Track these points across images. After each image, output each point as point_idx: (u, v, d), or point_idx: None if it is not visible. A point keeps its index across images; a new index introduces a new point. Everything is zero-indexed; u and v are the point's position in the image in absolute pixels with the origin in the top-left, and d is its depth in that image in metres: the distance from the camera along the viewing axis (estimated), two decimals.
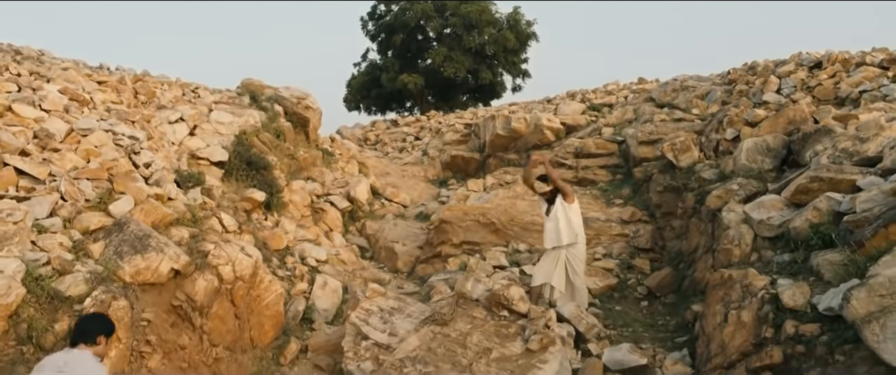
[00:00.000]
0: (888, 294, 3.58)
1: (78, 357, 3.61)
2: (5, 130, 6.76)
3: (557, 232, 6.91)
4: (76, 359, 3.58)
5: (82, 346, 3.75)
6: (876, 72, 9.19)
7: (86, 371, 3.52)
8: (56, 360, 3.63)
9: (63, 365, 3.55)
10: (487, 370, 5.78)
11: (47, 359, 3.69)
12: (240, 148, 10.65)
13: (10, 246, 5.32)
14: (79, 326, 3.89)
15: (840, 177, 5.79)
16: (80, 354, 3.65)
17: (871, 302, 3.65)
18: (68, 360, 3.58)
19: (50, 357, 3.70)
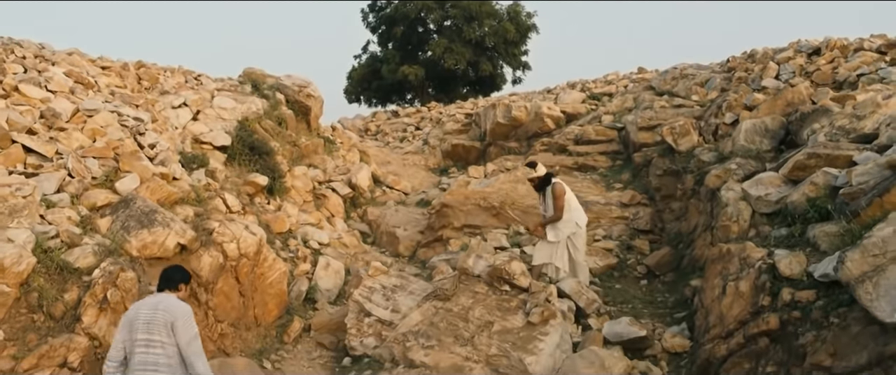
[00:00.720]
0: (881, 253, 3.67)
1: (167, 298, 4.27)
2: (13, 109, 6.85)
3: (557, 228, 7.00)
4: (165, 299, 4.25)
5: (167, 292, 4.38)
6: (874, 57, 9.26)
7: (177, 305, 4.22)
8: (148, 302, 4.29)
9: (157, 303, 4.21)
10: (489, 342, 5.88)
11: (140, 302, 4.34)
12: (242, 133, 10.71)
13: (20, 218, 5.41)
14: (165, 275, 4.48)
15: (837, 154, 5.87)
16: (167, 296, 4.30)
17: (864, 262, 3.74)
18: (159, 300, 4.24)
19: (142, 301, 4.35)
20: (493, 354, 5.76)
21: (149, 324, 4.08)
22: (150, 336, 4.06)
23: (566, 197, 6.99)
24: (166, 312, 4.12)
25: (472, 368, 5.70)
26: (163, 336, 4.06)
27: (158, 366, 4.01)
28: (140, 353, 4.03)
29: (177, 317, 4.11)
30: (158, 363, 4.02)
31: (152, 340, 4.05)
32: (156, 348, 4.04)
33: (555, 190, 7.07)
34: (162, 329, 4.07)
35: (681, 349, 5.72)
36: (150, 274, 6.03)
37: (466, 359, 5.80)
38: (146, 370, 4.01)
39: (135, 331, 4.09)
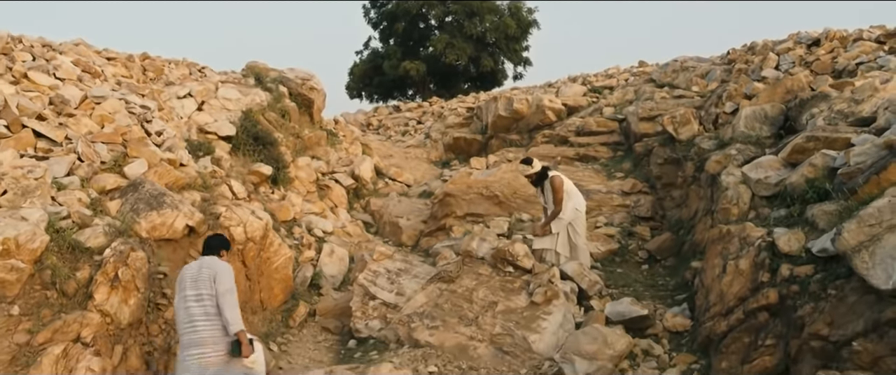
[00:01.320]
0: (877, 223, 3.77)
1: (210, 258, 4.96)
2: (23, 95, 6.94)
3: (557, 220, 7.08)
4: (209, 259, 4.94)
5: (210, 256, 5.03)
6: (873, 47, 9.36)
7: (218, 262, 4.91)
8: (194, 264, 4.98)
9: (202, 263, 4.89)
10: (493, 322, 5.98)
11: (187, 266, 5.01)
12: (247, 123, 10.81)
13: (33, 199, 5.51)
14: (207, 243, 5.18)
15: (835, 136, 5.96)
16: (211, 259, 4.95)
17: (860, 232, 3.83)
18: (203, 261, 4.93)
19: (188, 266, 5.02)
20: (497, 333, 5.86)
21: (196, 281, 4.73)
22: (198, 291, 4.69)
23: (564, 188, 7.08)
24: (209, 268, 4.79)
25: (477, 347, 5.80)
26: (208, 289, 4.68)
27: (208, 316, 4.62)
28: (192, 306, 4.64)
29: (218, 271, 4.77)
30: (208, 313, 4.63)
31: (201, 294, 4.67)
32: (205, 300, 4.65)
33: (553, 183, 7.14)
34: (207, 282, 4.70)
35: (682, 328, 5.82)
36: (160, 255, 6.14)
37: (471, 338, 5.90)
38: (195, 320, 4.59)
39: (184, 288, 4.75)
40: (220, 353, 4.56)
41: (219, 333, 4.59)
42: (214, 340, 4.57)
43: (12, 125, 6.43)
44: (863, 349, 3.58)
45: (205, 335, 4.56)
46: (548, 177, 7.10)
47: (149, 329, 5.66)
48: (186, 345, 4.60)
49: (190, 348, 4.57)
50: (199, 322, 4.58)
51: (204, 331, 4.57)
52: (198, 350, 4.54)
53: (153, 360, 5.55)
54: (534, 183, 7.30)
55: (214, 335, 4.57)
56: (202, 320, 4.58)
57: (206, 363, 4.51)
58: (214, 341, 4.57)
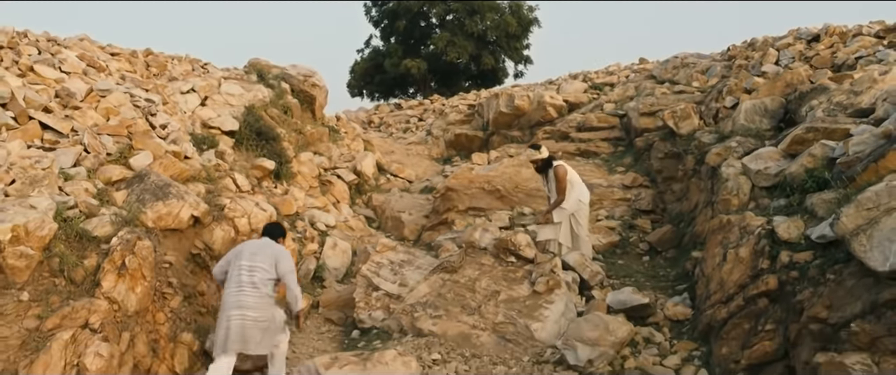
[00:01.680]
0: (874, 206, 3.83)
1: (270, 242, 5.53)
2: (29, 88, 7.01)
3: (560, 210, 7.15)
4: (272, 242, 5.53)
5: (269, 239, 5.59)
6: (872, 41, 9.40)
7: (282, 247, 5.49)
8: (256, 241, 5.56)
9: (264, 243, 5.49)
10: (496, 311, 6.04)
11: (248, 242, 5.60)
12: (249, 118, 10.86)
13: (41, 188, 5.57)
14: (267, 229, 5.79)
15: (834, 127, 6.02)
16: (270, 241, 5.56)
17: (858, 216, 3.89)
18: (266, 242, 5.52)
19: (249, 241, 5.60)
20: (499, 321, 5.92)
21: (255, 255, 5.29)
22: (253, 263, 5.24)
23: (568, 177, 7.14)
24: (271, 248, 5.40)
25: (480, 335, 5.86)
26: (265, 265, 5.24)
27: (255, 286, 5.16)
28: (244, 274, 5.20)
29: (280, 253, 5.38)
30: (255, 281, 5.18)
31: (255, 266, 5.22)
32: (257, 272, 5.21)
33: (557, 172, 7.22)
34: (268, 259, 5.27)
35: (682, 316, 5.87)
36: (165, 244, 6.20)
37: (474, 327, 5.96)
38: (243, 286, 5.16)
39: (241, 257, 5.30)
40: (257, 320, 5.11)
41: (261, 303, 5.17)
42: (255, 308, 5.13)
43: (19, 117, 6.50)
44: (860, 330, 3.64)
45: (249, 301, 5.13)
46: (552, 166, 7.16)
47: (155, 318, 5.72)
48: (230, 306, 5.13)
49: (233, 309, 5.12)
50: (247, 290, 5.15)
51: (249, 298, 5.13)
52: (239, 311, 5.10)
53: (159, 348, 5.61)
54: (539, 169, 7.38)
55: (257, 303, 5.15)
56: (249, 288, 5.16)
57: (244, 324, 5.08)
58: (255, 309, 5.13)
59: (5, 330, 4.53)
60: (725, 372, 4.80)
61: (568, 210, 7.05)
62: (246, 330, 5.06)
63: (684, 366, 5.06)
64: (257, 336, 5.09)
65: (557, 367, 5.11)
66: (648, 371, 4.96)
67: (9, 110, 6.49)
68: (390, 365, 4.85)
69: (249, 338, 5.07)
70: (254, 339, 5.08)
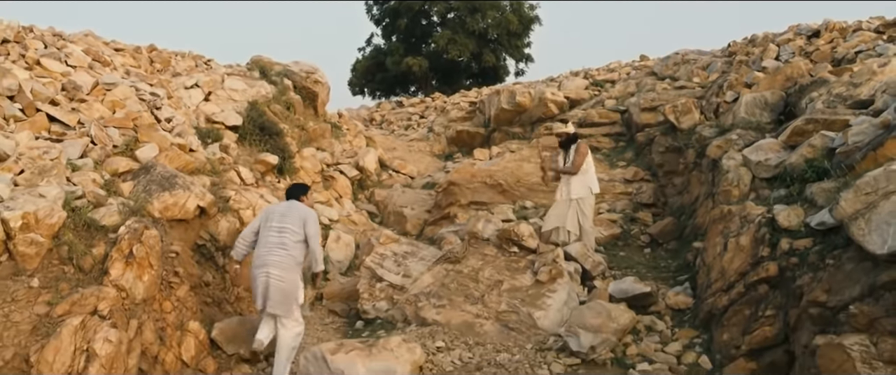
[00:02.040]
0: (873, 191, 3.89)
1: (295, 203, 5.75)
2: (36, 81, 7.07)
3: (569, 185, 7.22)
4: (297, 203, 5.74)
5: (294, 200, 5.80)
6: (872, 36, 9.46)
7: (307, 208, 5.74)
8: (283, 204, 5.79)
9: (291, 205, 5.71)
10: (499, 300, 6.10)
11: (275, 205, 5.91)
12: (253, 114, 10.92)
13: (49, 177, 5.63)
14: (289, 192, 5.97)
15: (834, 118, 6.08)
16: (295, 202, 5.76)
17: (857, 200, 3.95)
18: (292, 203, 5.74)
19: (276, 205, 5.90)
20: (502, 310, 5.99)
21: (284, 216, 5.55)
22: (282, 225, 5.50)
23: (588, 159, 7.25)
24: (299, 211, 5.61)
25: (483, 324, 5.93)
26: (294, 226, 5.50)
27: (284, 245, 5.45)
28: (273, 235, 5.48)
29: (308, 215, 5.62)
30: (285, 242, 5.45)
31: (285, 227, 5.49)
32: (286, 233, 5.48)
33: (580, 147, 7.35)
34: (296, 221, 5.52)
35: (684, 305, 5.94)
36: (171, 234, 6.26)
37: (477, 316, 6.03)
38: (271, 247, 5.44)
39: (271, 220, 5.57)
40: (282, 278, 5.40)
41: (288, 262, 5.44)
42: (282, 267, 5.41)
43: (27, 109, 6.57)
44: (859, 312, 3.70)
45: (277, 260, 5.41)
46: (577, 141, 7.31)
47: (162, 306, 5.77)
48: (260, 265, 5.45)
49: (262, 267, 5.43)
50: (276, 250, 5.44)
51: (277, 257, 5.42)
52: (265, 270, 5.40)
53: (166, 336, 5.67)
54: (562, 144, 7.45)
55: (285, 262, 5.42)
56: (278, 249, 5.44)
57: (271, 281, 5.38)
58: (282, 266, 5.41)
59: (17, 316, 4.60)
60: (726, 358, 4.87)
61: (575, 191, 7.12)
62: (270, 289, 5.37)
63: (685, 353, 5.13)
64: (277, 296, 5.38)
65: (560, 354, 5.18)
66: (650, 358, 5.03)
67: (16, 102, 6.56)
68: (395, 351, 4.91)
69: (270, 297, 5.38)
70: (274, 299, 5.39)
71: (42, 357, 4.48)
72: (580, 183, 7.15)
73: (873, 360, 3.46)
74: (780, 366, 4.48)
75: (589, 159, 7.33)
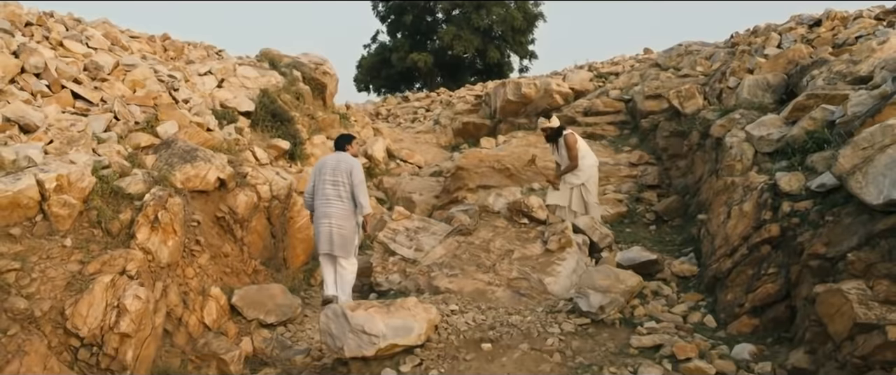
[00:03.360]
0: (869, 146, 4.09)
1: (344, 154, 6.32)
2: (60, 60, 7.31)
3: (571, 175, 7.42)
4: (344, 155, 6.31)
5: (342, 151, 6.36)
6: (872, 23, 9.65)
7: (352, 158, 6.31)
8: (332, 156, 6.34)
9: (339, 157, 6.28)
10: (510, 268, 6.31)
11: (326, 157, 6.43)
12: (265, 100, 11.14)
13: (77, 147, 5.86)
14: (338, 141, 6.53)
15: (834, 93, 6.28)
16: (344, 153, 6.33)
17: (855, 155, 4.15)
18: (340, 155, 6.31)
19: (327, 157, 6.44)
20: (513, 277, 6.19)
21: (335, 169, 6.13)
22: (335, 177, 6.10)
23: (579, 144, 7.42)
24: (346, 162, 6.18)
25: (495, 291, 6.13)
26: (343, 178, 6.09)
27: (340, 197, 6.08)
28: (328, 187, 6.09)
29: (354, 165, 6.19)
30: (340, 194, 6.08)
31: (337, 180, 6.09)
32: (339, 186, 6.08)
33: (567, 140, 7.49)
34: (344, 173, 6.10)
35: (689, 273, 6.13)
36: (193, 205, 6.48)
37: (489, 284, 6.22)
38: (329, 199, 6.07)
39: (324, 173, 6.15)
40: (341, 226, 6.07)
41: (345, 212, 6.09)
42: (341, 216, 6.07)
43: (53, 85, 6.81)
44: (856, 259, 3.90)
45: (335, 210, 6.06)
46: (562, 134, 7.43)
47: (184, 272, 6.00)
48: (320, 216, 6.11)
49: (322, 218, 6.09)
50: (333, 201, 6.08)
51: (334, 208, 6.06)
52: (328, 220, 6.06)
53: (189, 300, 5.89)
54: (549, 138, 7.63)
55: (342, 212, 6.08)
56: (335, 200, 6.07)
57: (331, 231, 6.05)
58: (340, 216, 6.07)
59: (52, 272, 4.82)
60: (730, 316, 5.06)
61: (582, 177, 7.30)
62: (333, 236, 6.06)
63: (691, 313, 5.32)
64: (339, 241, 6.07)
65: (570, 315, 5.37)
66: (657, 317, 5.22)
67: (43, 79, 6.80)
68: (412, 310, 5.10)
69: (334, 242, 6.07)
70: (337, 243, 6.07)
71: (76, 311, 4.71)
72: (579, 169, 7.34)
73: (869, 301, 3.65)
74: (781, 320, 4.67)
75: (580, 143, 7.51)
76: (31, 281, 4.64)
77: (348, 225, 6.14)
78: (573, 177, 7.30)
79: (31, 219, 5.01)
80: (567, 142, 7.37)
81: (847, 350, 3.66)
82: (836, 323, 3.77)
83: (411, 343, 4.91)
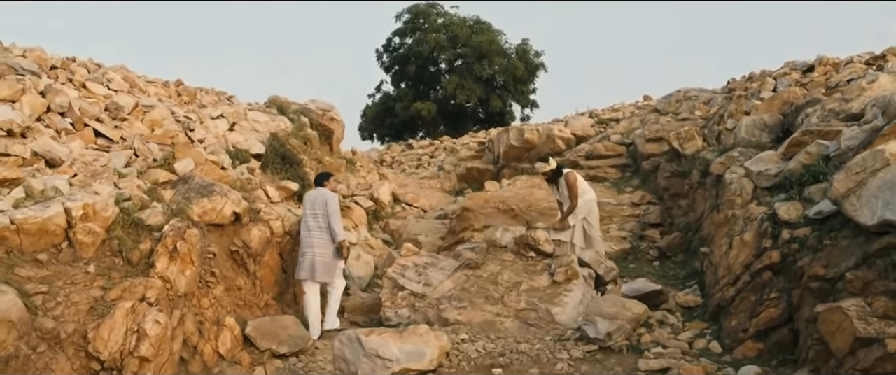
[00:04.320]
0: (862, 170, 4.30)
1: (321, 189, 7.11)
2: (84, 100, 7.61)
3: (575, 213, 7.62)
4: (321, 190, 7.09)
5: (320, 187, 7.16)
6: (862, 68, 10.01)
7: (328, 192, 7.09)
8: (313, 192, 7.20)
9: (317, 191, 7.10)
10: (518, 299, 6.44)
11: (309, 193, 7.32)
12: (274, 143, 11.42)
13: (100, 180, 6.08)
14: (316, 179, 7.39)
15: (828, 130, 6.53)
16: (322, 188, 7.12)
17: (848, 180, 4.36)
18: (318, 191, 7.10)
19: (310, 192, 7.31)
20: (521, 309, 6.32)
21: (313, 203, 6.94)
22: (314, 209, 6.91)
23: (578, 182, 7.63)
24: (322, 195, 6.99)
25: (503, 321, 6.25)
26: (320, 209, 6.87)
27: (320, 227, 6.87)
28: (310, 219, 6.92)
29: (329, 198, 6.96)
30: (320, 225, 6.88)
31: (316, 213, 6.89)
32: (318, 217, 6.88)
33: (567, 179, 7.71)
34: (320, 205, 6.88)
35: (693, 303, 6.28)
36: (209, 237, 6.65)
37: (497, 315, 6.35)
38: (311, 229, 6.88)
39: (306, 207, 6.99)
40: (324, 254, 6.83)
41: (325, 240, 6.85)
42: (321, 244, 6.84)
43: (76, 123, 7.09)
44: (854, 277, 4.06)
45: (316, 240, 6.83)
46: (562, 174, 7.64)
47: (200, 302, 6.13)
48: (304, 246, 6.89)
49: (306, 248, 6.85)
50: (314, 231, 6.85)
51: (315, 238, 6.84)
52: (311, 249, 6.81)
53: (205, 329, 6.00)
54: (549, 180, 7.84)
55: (322, 240, 6.84)
56: (316, 230, 6.85)
57: (313, 259, 6.80)
58: (321, 245, 6.83)
59: (76, 296, 4.97)
60: (735, 342, 5.18)
61: (581, 213, 7.49)
62: (316, 264, 6.79)
63: (696, 340, 5.45)
64: (321, 267, 6.78)
65: (579, 342, 5.48)
66: (663, 344, 5.33)
67: (67, 117, 7.08)
68: (424, 336, 5.23)
69: (316, 270, 6.79)
70: (319, 270, 6.79)
71: (98, 335, 4.84)
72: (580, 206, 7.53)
73: (868, 317, 3.80)
74: (785, 344, 4.79)
75: (580, 181, 7.72)
76: (56, 305, 4.79)
77: (328, 252, 6.86)
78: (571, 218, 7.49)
79: (57, 246, 5.19)
80: (567, 182, 7.58)
81: (849, 364, 3.79)
82: (838, 340, 3.90)
83: (424, 368, 5.02)
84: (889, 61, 9.70)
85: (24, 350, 4.28)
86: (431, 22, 26.85)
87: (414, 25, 27.30)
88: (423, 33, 26.59)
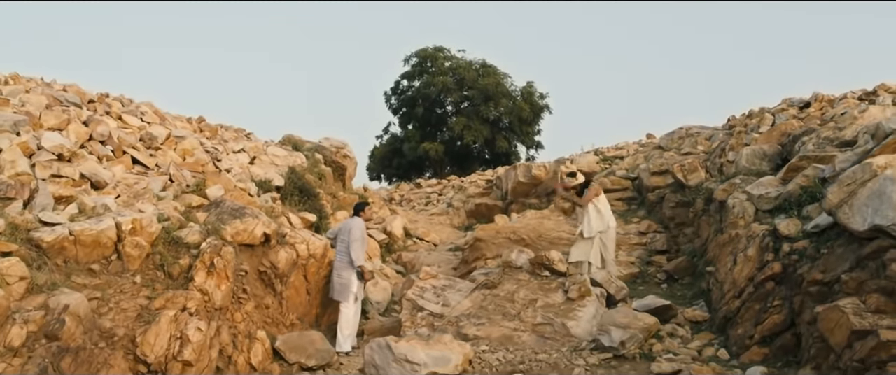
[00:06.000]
0: (852, 182, 4.70)
1: (353, 219, 7.87)
2: (122, 130, 8.09)
3: (589, 223, 8.00)
4: (351, 219, 7.87)
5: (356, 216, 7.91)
6: (856, 103, 10.50)
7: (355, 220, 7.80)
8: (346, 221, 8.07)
9: (348, 220, 7.96)
10: (534, 315, 6.76)
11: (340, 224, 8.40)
12: (293, 177, 11.88)
13: (142, 200, 6.50)
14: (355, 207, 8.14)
15: (823, 155, 6.96)
16: (354, 219, 7.85)
17: (841, 191, 4.76)
18: (348, 220, 7.94)
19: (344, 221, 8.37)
20: (538, 323, 6.64)
21: (341, 231, 7.77)
22: (341, 235, 7.69)
23: (600, 198, 8.03)
24: (349, 223, 7.76)
25: (521, 336, 6.56)
26: (345, 236, 7.61)
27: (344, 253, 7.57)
28: (339, 244, 7.67)
29: (353, 225, 7.65)
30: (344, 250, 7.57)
31: (343, 239, 7.63)
32: (343, 243, 7.60)
33: (591, 187, 8.15)
34: (346, 232, 7.65)
35: (700, 318, 6.59)
36: (241, 256, 7.03)
37: (515, 330, 6.67)
38: (339, 252, 7.65)
39: (337, 233, 7.84)
40: (342, 275, 7.57)
41: (345, 263, 7.55)
42: (340, 269, 7.59)
43: (116, 151, 7.55)
44: (849, 279, 4.42)
45: (338, 263, 7.64)
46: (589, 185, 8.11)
47: (234, 316, 6.47)
48: (333, 269, 7.72)
49: (333, 271, 7.70)
50: (339, 255, 7.63)
51: (338, 261, 7.65)
52: (336, 271, 7.64)
53: (238, 342, 6.33)
54: (578, 193, 8.23)
55: (343, 263, 7.57)
56: (341, 254, 7.61)
57: (334, 278, 7.65)
58: (341, 267, 7.59)
59: (125, 304, 5.33)
60: (741, 348, 5.50)
61: (596, 227, 7.82)
62: (334, 284, 7.64)
63: (705, 348, 5.76)
64: (337, 287, 7.61)
65: (594, 352, 5.80)
66: (674, 352, 5.65)
67: (107, 145, 7.54)
68: (448, 344, 5.56)
69: (334, 288, 7.63)
70: (336, 289, 7.61)
71: (145, 339, 5.18)
72: (598, 219, 7.91)
73: (863, 313, 4.14)
74: (789, 347, 5.11)
75: (602, 198, 8.12)
76: (108, 310, 5.15)
77: (346, 274, 7.53)
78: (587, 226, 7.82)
79: (107, 258, 5.57)
80: (591, 189, 8.01)
81: (847, 357, 4.12)
82: (836, 335, 4.24)
83: (450, 373, 5.33)
84: (880, 95, 10.19)
85: (89, 345, 4.62)
86: (439, 65, 27.69)
87: (422, 68, 28.14)
88: (430, 76, 27.39)
